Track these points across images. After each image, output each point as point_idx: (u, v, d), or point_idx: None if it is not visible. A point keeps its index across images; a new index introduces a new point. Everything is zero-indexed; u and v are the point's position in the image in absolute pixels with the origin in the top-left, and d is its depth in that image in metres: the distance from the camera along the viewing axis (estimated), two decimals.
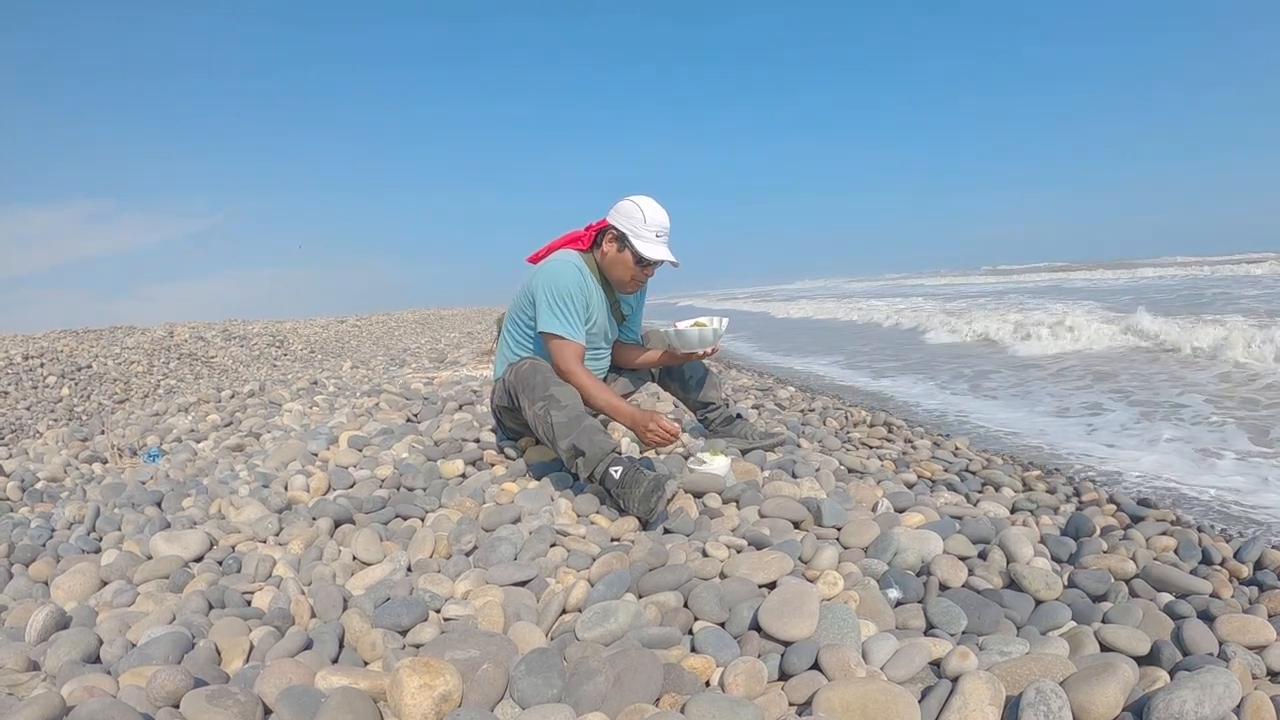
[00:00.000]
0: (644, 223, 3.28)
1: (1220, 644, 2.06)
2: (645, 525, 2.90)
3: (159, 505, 3.58)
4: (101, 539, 3.18)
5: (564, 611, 2.29)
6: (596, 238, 3.46)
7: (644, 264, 3.36)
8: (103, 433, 6.26)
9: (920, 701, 1.75)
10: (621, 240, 3.33)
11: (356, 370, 9.52)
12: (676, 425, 3.16)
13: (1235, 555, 2.73)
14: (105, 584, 2.67)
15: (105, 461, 5.07)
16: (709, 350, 3.35)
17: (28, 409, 8.36)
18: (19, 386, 8.89)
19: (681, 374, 3.78)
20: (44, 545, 3.14)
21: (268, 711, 1.79)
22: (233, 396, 7.25)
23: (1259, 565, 2.67)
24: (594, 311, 3.42)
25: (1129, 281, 31.84)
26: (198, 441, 5.30)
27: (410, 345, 15.66)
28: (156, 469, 4.52)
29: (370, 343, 18.07)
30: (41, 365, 9.72)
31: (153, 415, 6.98)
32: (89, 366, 10.19)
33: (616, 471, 2.91)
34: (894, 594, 2.33)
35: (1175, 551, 2.82)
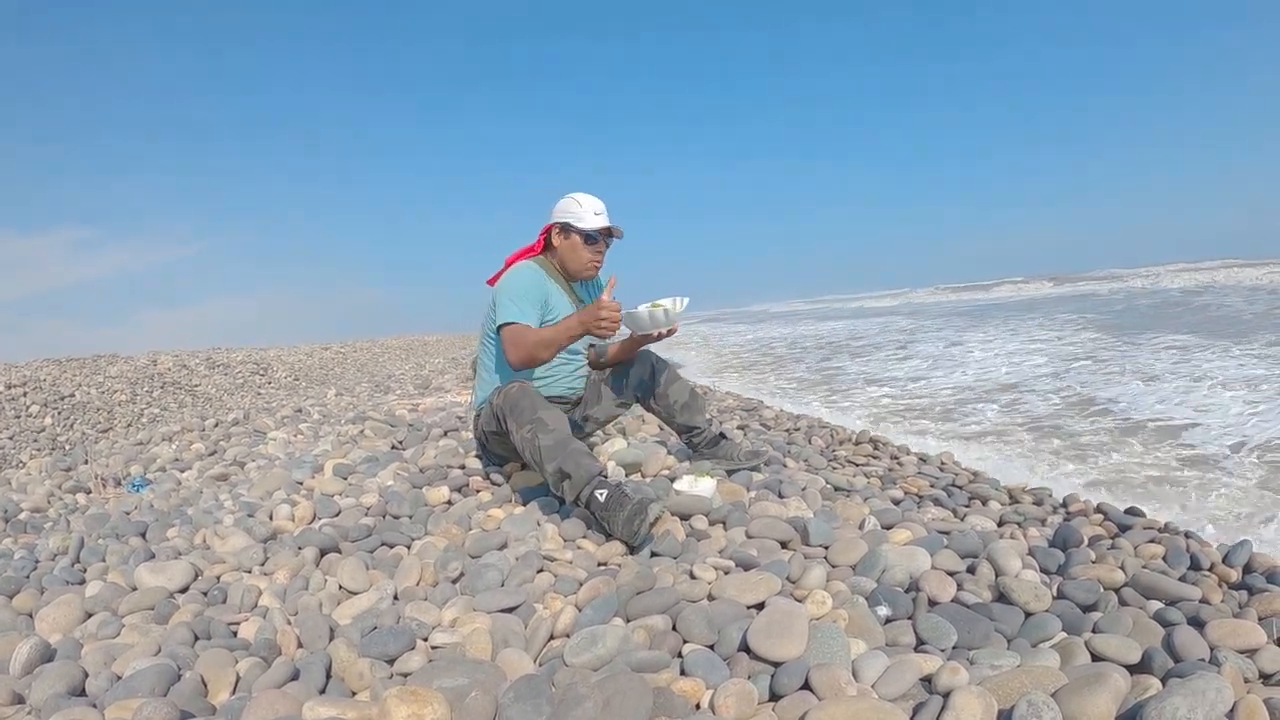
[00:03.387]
0: (581, 208, 3.56)
1: (1211, 649, 2.07)
2: (632, 549, 2.90)
3: (143, 536, 3.56)
4: (86, 570, 3.15)
5: (552, 637, 2.28)
6: (547, 240, 3.69)
7: (591, 239, 3.59)
8: (86, 462, 6.22)
9: (912, 718, 1.76)
10: (566, 229, 3.58)
11: (341, 397, 9.48)
12: (616, 302, 3.26)
13: (1224, 560, 2.73)
14: (90, 616, 2.64)
15: (89, 491, 5.04)
16: (664, 331, 3.43)
17: (10, 438, 8.28)
18: (1, 415, 8.82)
19: (666, 399, 3.80)
20: (28, 577, 3.11)
21: None
22: (217, 425, 7.22)
23: (1248, 569, 2.68)
24: (554, 306, 3.55)
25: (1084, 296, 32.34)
26: (182, 471, 5.28)
27: (395, 371, 15.60)
28: (140, 499, 4.50)
29: (354, 369, 17.99)
30: (24, 394, 9.64)
31: (136, 444, 6.94)
32: (72, 395, 10.11)
33: (601, 495, 2.91)
34: (883, 611, 2.32)
35: (1164, 558, 2.82)
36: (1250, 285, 27.59)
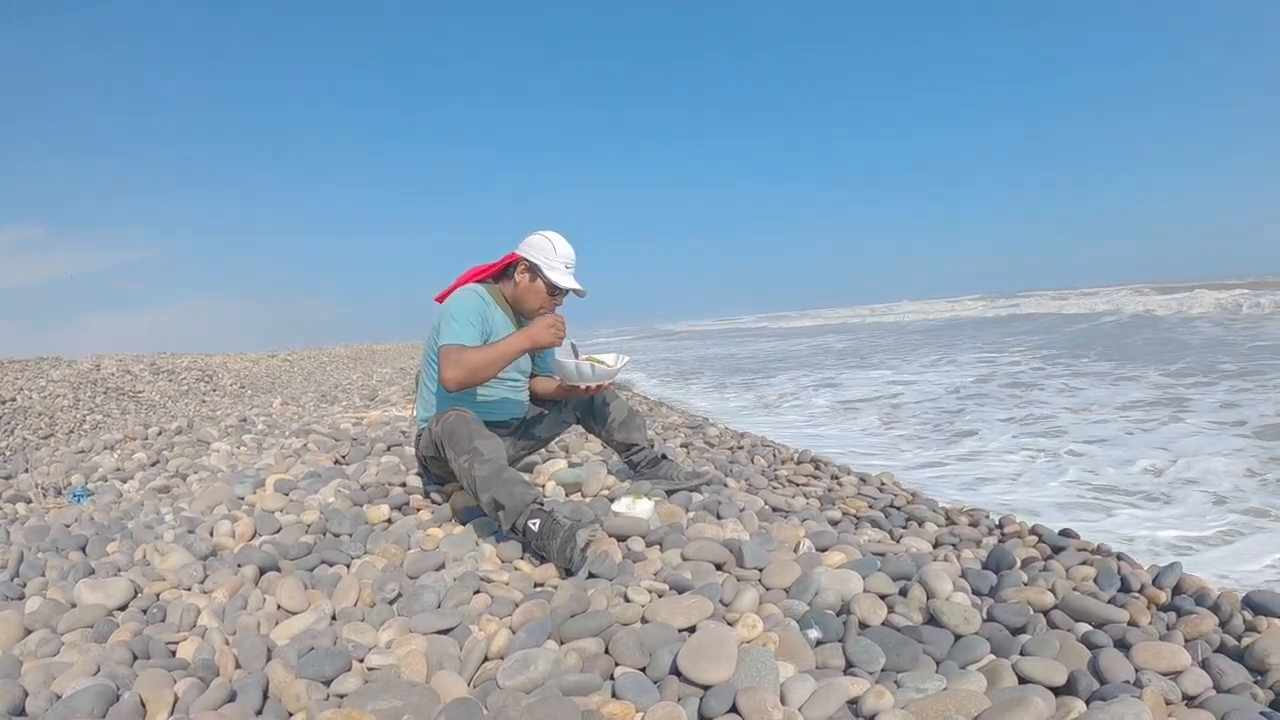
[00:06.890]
0: (554, 254, 3.51)
1: (1136, 671, 2.11)
2: (568, 573, 2.94)
3: (83, 550, 3.53)
4: (25, 585, 3.12)
5: (486, 659, 2.32)
6: (506, 269, 3.66)
7: (555, 292, 3.56)
8: (26, 470, 6.12)
9: None
10: (534, 271, 3.54)
11: (287, 407, 9.36)
12: (557, 315, 3.38)
13: (1154, 582, 2.77)
14: (30, 632, 2.63)
15: (30, 501, 4.95)
16: (593, 385, 3.44)
17: None
18: None
19: (605, 417, 3.83)
20: None
21: None
22: (160, 434, 7.11)
23: (1177, 590, 2.72)
24: (497, 334, 3.53)
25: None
26: (123, 481, 5.20)
27: (342, 381, 15.38)
28: (81, 510, 4.44)
29: (301, 378, 17.72)
30: None
31: (78, 452, 6.81)
32: (13, 400, 9.89)
33: (535, 525, 2.95)
34: (814, 634, 2.36)
35: (1095, 580, 2.86)
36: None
